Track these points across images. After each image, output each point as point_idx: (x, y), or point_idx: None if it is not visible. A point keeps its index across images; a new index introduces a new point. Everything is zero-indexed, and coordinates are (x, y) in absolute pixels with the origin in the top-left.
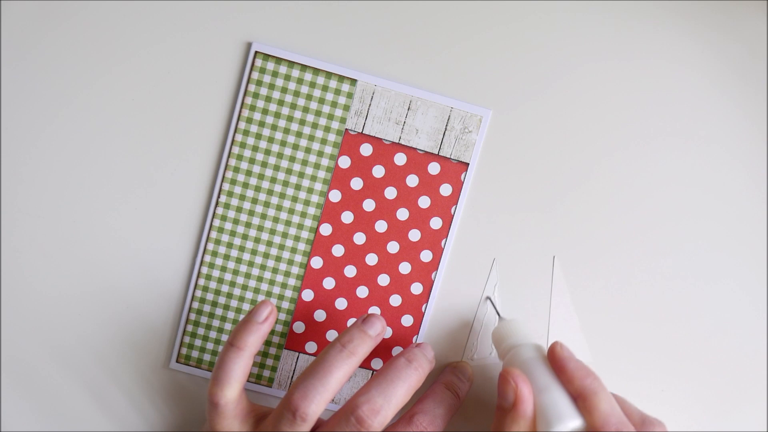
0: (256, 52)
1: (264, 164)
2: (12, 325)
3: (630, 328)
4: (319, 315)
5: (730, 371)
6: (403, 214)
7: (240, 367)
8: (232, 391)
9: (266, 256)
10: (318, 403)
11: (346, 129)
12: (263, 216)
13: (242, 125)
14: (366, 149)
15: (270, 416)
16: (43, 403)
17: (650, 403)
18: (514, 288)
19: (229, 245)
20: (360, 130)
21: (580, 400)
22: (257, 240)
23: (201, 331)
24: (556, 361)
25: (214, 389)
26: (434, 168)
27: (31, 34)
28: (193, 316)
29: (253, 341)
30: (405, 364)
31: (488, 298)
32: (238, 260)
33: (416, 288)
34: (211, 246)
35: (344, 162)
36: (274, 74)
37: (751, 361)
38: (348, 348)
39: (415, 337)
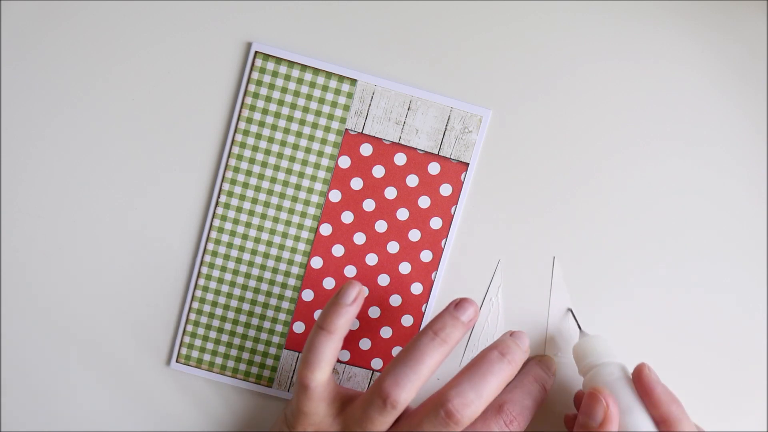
0: (256, 52)
1: (264, 164)
2: (12, 325)
3: (629, 329)
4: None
5: (730, 371)
6: (403, 214)
7: (330, 350)
8: (322, 374)
9: (266, 256)
10: (409, 391)
11: (346, 129)
12: (263, 216)
13: (242, 125)
14: (366, 149)
15: (358, 401)
16: (43, 403)
17: None
18: (514, 288)
19: (229, 245)
20: (360, 130)
21: (664, 425)
22: (257, 240)
23: (201, 331)
24: (643, 383)
25: (304, 372)
26: (434, 168)
27: (31, 34)
28: (193, 316)
29: (343, 324)
30: (498, 357)
31: (569, 309)
32: (238, 260)
33: (416, 288)
34: (211, 246)
35: (344, 162)
36: (274, 74)
37: (751, 361)
38: (440, 335)
39: None
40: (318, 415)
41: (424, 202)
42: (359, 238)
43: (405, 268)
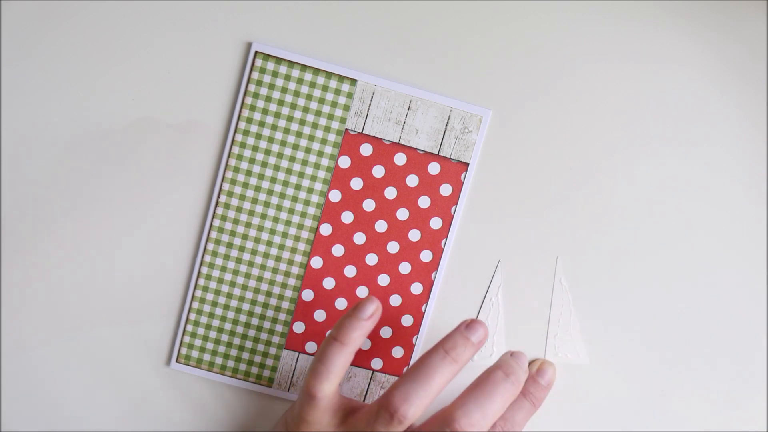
0: (256, 52)
1: (264, 164)
2: (12, 325)
3: (630, 328)
4: (319, 315)
5: (730, 371)
6: (403, 214)
7: (341, 362)
8: (330, 385)
9: (266, 256)
10: (417, 407)
11: (346, 129)
12: (263, 216)
13: (242, 125)
14: (366, 149)
15: (363, 412)
16: (43, 403)
17: (650, 405)
18: (515, 289)
19: (229, 245)
20: (360, 130)
21: None
22: (257, 240)
23: (201, 331)
24: None
25: (313, 382)
26: (434, 168)
27: (31, 34)
28: (193, 316)
29: (357, 337)
30: (503, 377)
31: None
32: (238, 260)
33: (416, 288)
34: (211, 246)
35: (344, 162)
36: (274, 74)
37: (751, 361)
38: (451, 355)
39: (414, 337)
40: (320, 424)
41: (424, 202)
42: (359, 238)
43: (405, 268)
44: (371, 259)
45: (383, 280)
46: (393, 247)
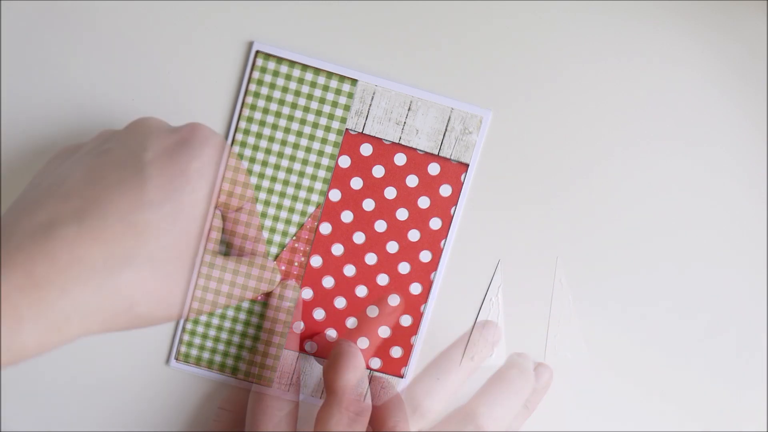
0: (257, 52)
1: (264, 163)
2: None
3: (631, 328)
4: (318, 314)
5: (729, 371)
6: (402, 214)
7: (360, 357)
8: (353, 376)
9: (266, 255)
10: (439, 402)
11: (347, 129)
12: (263, 215)
13: (243, 125)
14: (366, 149)
15: (379, 408)
16: (43, 403)
17: (650, 405)
18: (514, 289)
19: (229, 245)
20: (360, 130)
21: None
22: (257, 239)
23: (201, 329)
24: None
25: (332, 375)
26: (434, 168)
27: (31, 34)
28: (192, 315)
29: (377, 332)
30: (518, 375)
31: None
32: (238, 260)
33: (415, 288)
34: (210, 246)
35: (344, 162)
36: (275, 74)
37: (751, 361)
38: (470, 353)
39: (413, 337)
40: (336, 419)
41: (423, 202)
42: (359, 238)
43: (404, 268)
44: (371, 258)
45: (382, 279)
46: (392, 246)
